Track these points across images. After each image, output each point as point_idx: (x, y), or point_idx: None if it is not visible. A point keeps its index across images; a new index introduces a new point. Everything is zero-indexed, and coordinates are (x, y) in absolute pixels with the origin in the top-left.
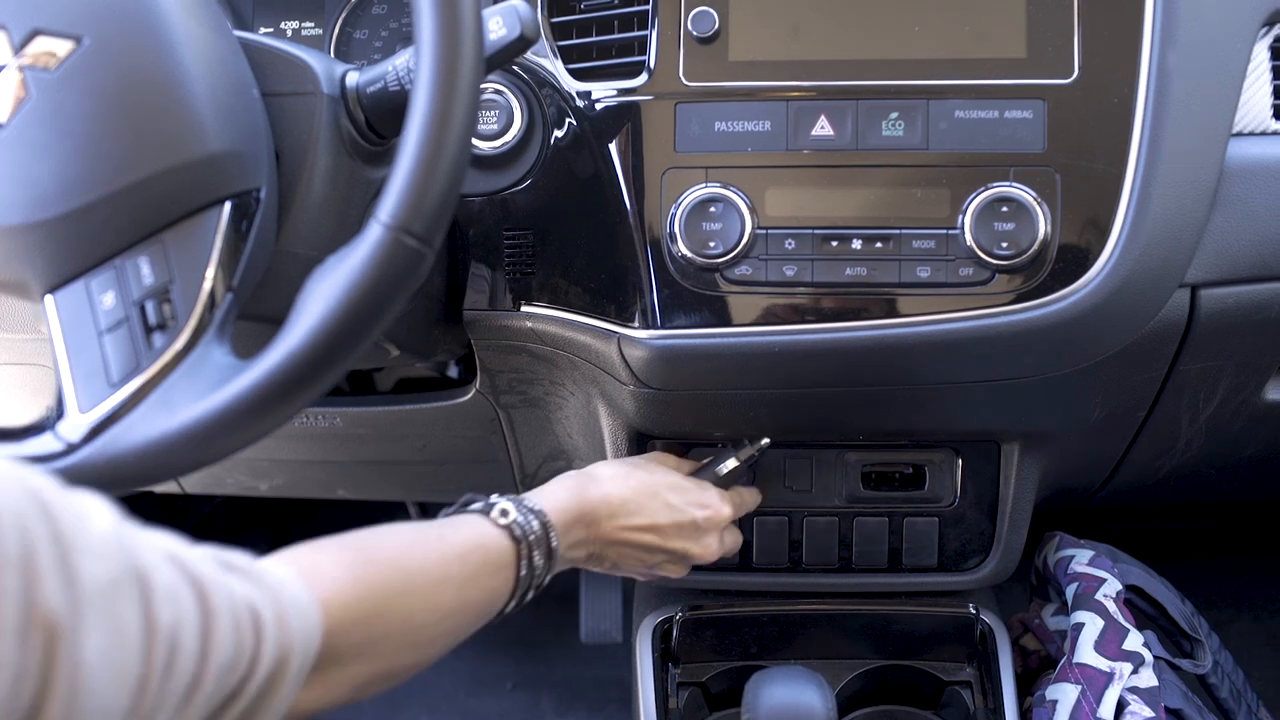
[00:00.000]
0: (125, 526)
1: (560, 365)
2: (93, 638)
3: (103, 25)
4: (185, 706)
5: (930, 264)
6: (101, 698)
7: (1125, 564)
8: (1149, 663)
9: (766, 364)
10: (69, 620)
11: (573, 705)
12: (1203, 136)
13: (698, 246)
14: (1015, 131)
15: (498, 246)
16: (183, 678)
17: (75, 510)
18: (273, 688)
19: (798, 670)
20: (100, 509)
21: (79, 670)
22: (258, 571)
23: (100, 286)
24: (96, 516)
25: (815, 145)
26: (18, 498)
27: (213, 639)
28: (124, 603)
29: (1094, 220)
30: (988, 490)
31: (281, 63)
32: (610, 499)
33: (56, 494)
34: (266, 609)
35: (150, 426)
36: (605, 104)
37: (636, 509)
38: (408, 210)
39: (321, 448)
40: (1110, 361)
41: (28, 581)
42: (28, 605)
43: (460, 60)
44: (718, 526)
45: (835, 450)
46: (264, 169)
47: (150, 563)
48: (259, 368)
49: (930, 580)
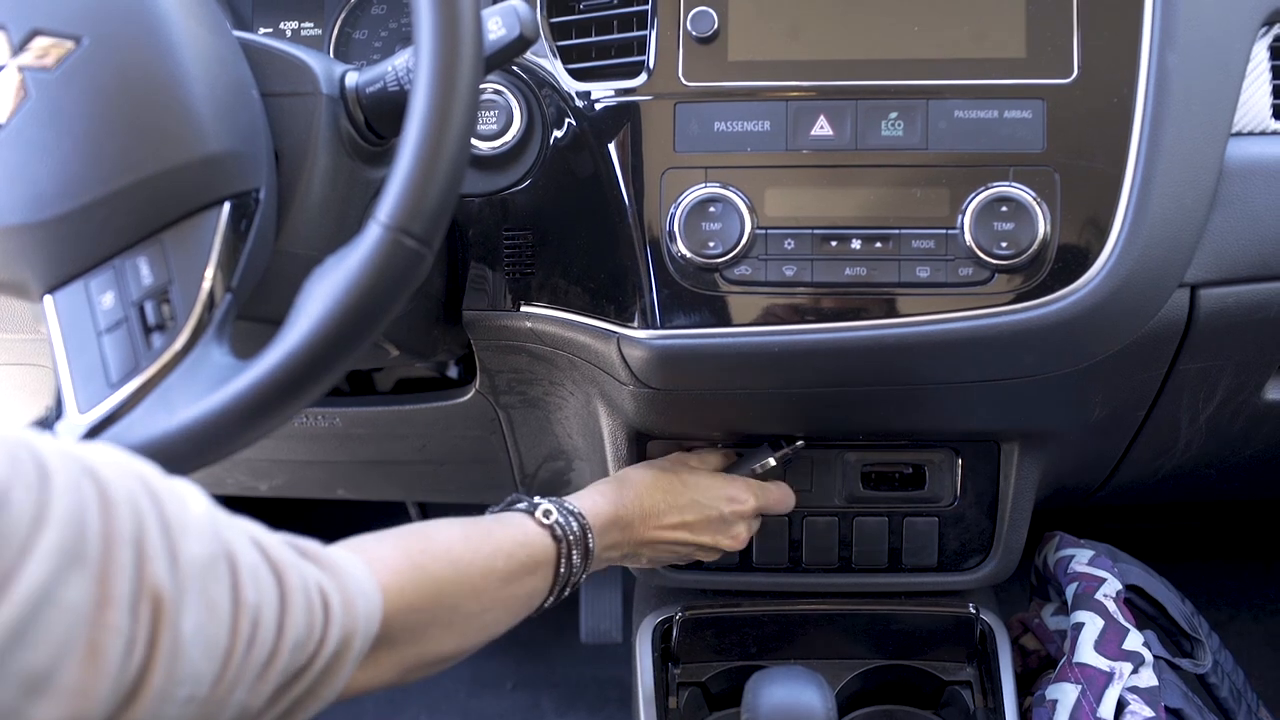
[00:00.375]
0: (216, 511)
1: (560, 365)
2: (191, 612)
3: (102, 25)
4: (261, 678)
5: (930, 264)
6: (195, 666)
7: (1125, 564)
8: (1149, 662)
9: (766, 364)
10: (173, 595)
11: (573, 705)
12: (1202, 136)
13: (697, 246)
14: (1015, 131)
15: (497, 247)
16: (262, 651)
17: (177, 494)
18: (336, 665)
19: (798, 670)
20: (196, 494)
21: (179, 641)
22: (327, 557)
23: (99, 287)
24: (194, 500)
25: (815, 145)
26: (129, 481)
27: (289, 617)
28: (217, 581)
29: (1093, 220)
30: (987, 490)
31: (281, 63)
32: (643, 502)
33: (160, 479)
34: (334, 592)
35: (149, 427)
36: (605, 104)
37: (667, 509)
38: (407, 211)
39: (321, 448)
40: (1110, 361)
41: (139, 558)
42: (139, 580)
43: (459, 61)
44: (745, 518)
45: (835, 450)
46: (263, 169)
47: (238, 545)
48: (258, 368)
49: (930, 580)
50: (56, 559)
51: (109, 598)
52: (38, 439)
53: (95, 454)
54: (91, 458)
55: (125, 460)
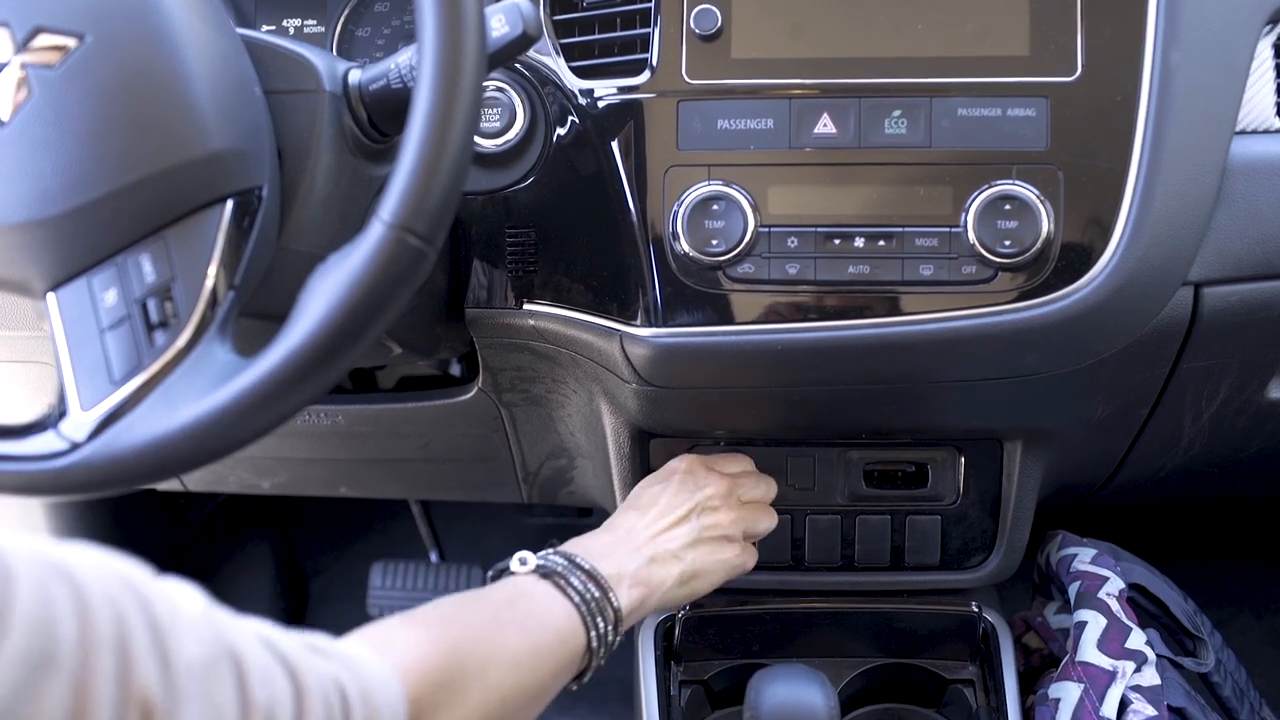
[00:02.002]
0: (216, 611)
1: (562, 363)
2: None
3: (105, 22)
4: None
5: (933, 262)
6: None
7: (1128, 562)
8: (1151, 661)
9: (769, 362)
10: (165, 702)
11: (573, 705)
12: (1206, 134)
13: (700, 244)
14: (1018, 129)
15: (500, 244)
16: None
17: (167, 595)
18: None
19: (800, 668)
20: (190, 594)
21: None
22: (337, 651)
23: (102, 284)
24: (187, 601)
25: (818, 143)
26: (109, 582)
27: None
28: (220, 683)
29: (1097, 218)
30: (990, 488)
31: (284, 60)
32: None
33: (147, 580)
34: (351, 685)
35: (152, 425)
36: (607, 102)
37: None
38: (410, 210)
39: (324, 446)
40: (1113, 360)
41: (122, 663)
42: (124, 686)
43: (463, 58)
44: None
45: (838, 448)
46: (266, 167)
47: (243, 644)
48: (260, 366)
49: (933, 578)
50: (20, 668)
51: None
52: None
53: (71, 554)
54: (66, 558)
55: (106, 560)
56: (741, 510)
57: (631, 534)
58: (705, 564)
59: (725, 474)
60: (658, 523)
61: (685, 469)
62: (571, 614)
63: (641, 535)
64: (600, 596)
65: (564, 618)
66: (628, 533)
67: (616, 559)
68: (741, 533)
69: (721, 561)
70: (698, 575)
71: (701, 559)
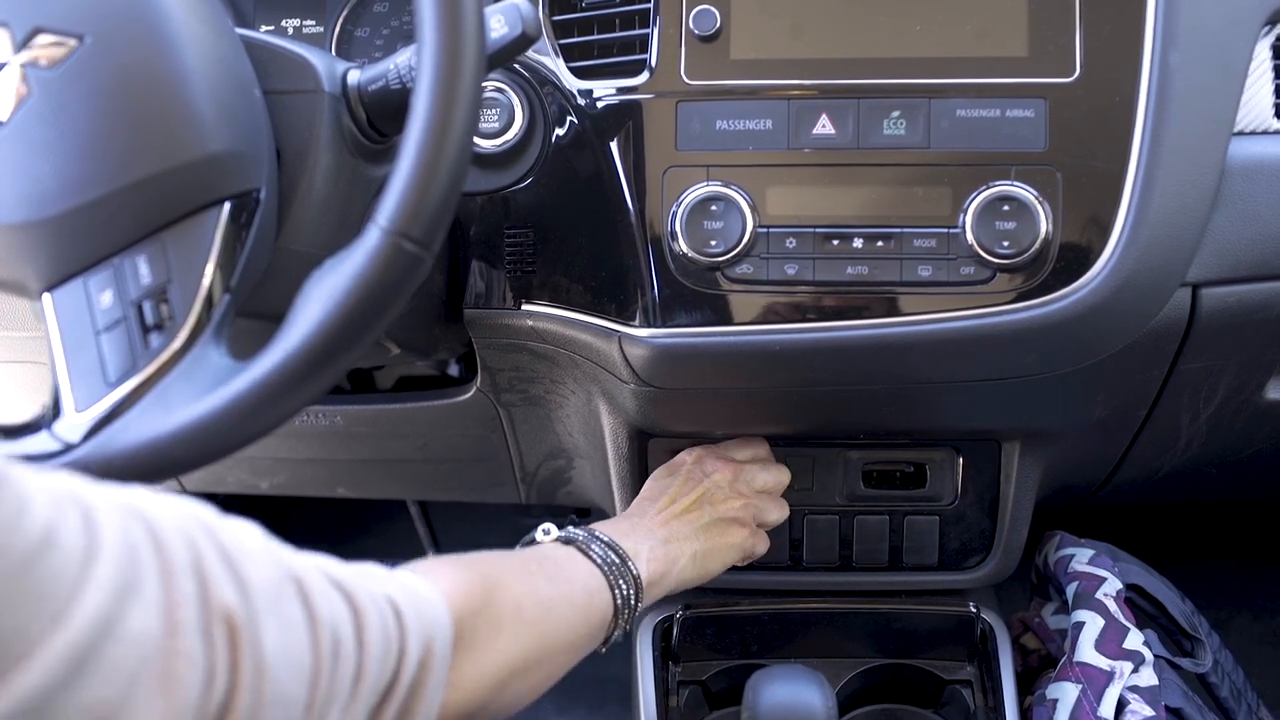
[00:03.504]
0: (274, 542)
1: (561, 364)
2: (268, 631)
3: (104, 23)
4: (352, 699)
5: (931, 263)
6: (283, 687)
7: (1125, 563)
8: (1149, 661)
9: (767, 362)
10: (245, 616)
11: (573, 704)
12: (1204, 135)
13: (699, 245)
14: (1017, 130)
15: (498, 245)
16: (347, 668)
17: (232, 528)
18: (423, 676)
19: (798, 669)
20: (251, 529)
21: (262, 663)
22: (385, 575)
23: (98, 285)
24: (250, 533)
25: (816, 144)
26: (180, 519)
27: (366, 631)
28: (289, 601)
29: (1095, 219)
30: (988, 489)
31: (283, 60)
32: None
33: (214, 516)
34: (403, 601)
35: (146, 426)
36: (606, 102)
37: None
38: (407, 214)
39: (322, 446)
40: (1111, 360)
41: (201, 585)
42: (205, 604)
43: (462, 59)
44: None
45: (836, 449)
46: (264, 169)
47: (302, 568)
48: (255, 369)
49: (931, 579)
50: (113, 591)
51: (176, 625)
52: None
53: (142, 498)
54: (138, 501)
55: (176, 500)
56: (750, 497)
57: (644, 519)
58: (716, 545)
59: (733, 460)
60: (668, 509)
61: (693, 460)
62: (595, 573)
63: (654, 520)
64: (620, 563)
65: (589, 575)
66: (640, 518)
67: (632, 539)
68: (751, 518)
69: (732, 544)
70: (709, 555)
71: (712, 540)
